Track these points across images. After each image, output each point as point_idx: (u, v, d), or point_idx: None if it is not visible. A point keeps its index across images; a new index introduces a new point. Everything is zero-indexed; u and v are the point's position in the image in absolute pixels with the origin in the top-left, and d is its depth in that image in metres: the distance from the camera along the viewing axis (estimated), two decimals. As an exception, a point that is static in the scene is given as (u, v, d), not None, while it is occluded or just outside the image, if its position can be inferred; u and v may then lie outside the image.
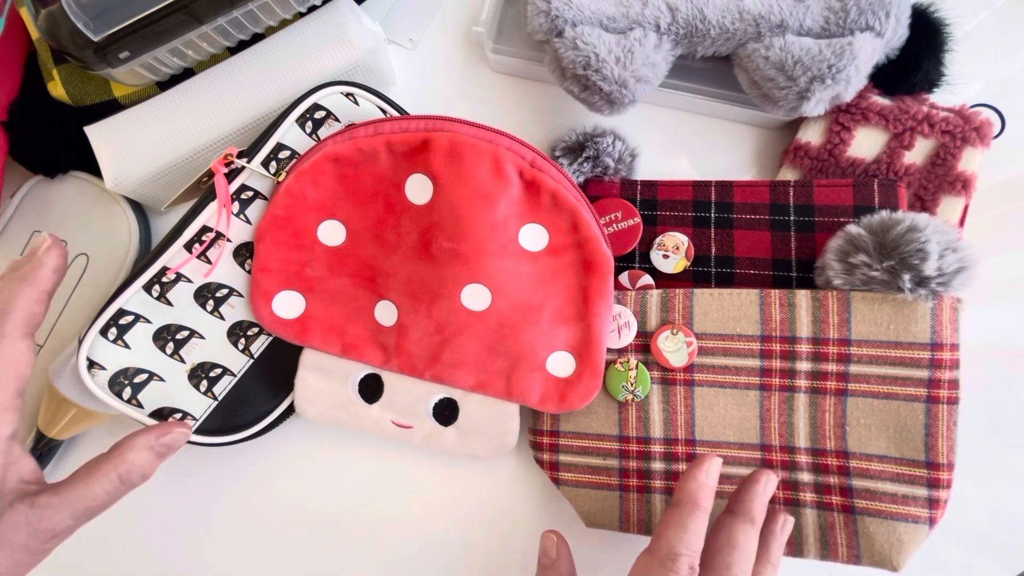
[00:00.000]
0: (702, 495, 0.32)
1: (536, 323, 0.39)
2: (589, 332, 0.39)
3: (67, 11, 0.36)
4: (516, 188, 0.37)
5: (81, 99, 0.45)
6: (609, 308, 0.40)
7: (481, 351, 0.40)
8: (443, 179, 0.37)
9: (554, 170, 0.38)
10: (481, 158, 0.36)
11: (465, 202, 0.37)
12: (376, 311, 0.41)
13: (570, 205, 0.38)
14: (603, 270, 0.39)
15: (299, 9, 0.42)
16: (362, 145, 0.38)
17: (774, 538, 0.36)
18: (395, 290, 0.40)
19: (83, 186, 0.47)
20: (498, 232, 0.38)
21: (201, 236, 0.40)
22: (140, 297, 0.40)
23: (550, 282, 0.39)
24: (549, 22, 0.42)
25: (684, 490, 0.33)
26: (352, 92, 0.41)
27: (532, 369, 0.40)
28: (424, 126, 0.37)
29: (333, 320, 0.41)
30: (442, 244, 0.38)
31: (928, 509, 0.37)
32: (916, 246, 0.35)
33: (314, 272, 0.41)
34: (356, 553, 0.45)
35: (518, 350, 0.40)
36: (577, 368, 0.40)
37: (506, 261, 0.38)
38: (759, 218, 0.42)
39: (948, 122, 0.42)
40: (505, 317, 0.39)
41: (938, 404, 0.36)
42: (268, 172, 0.40)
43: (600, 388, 0.40)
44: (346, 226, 0.40)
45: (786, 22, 0.41)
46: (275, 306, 0.41)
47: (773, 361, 0.39)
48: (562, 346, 0.40)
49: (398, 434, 0.42)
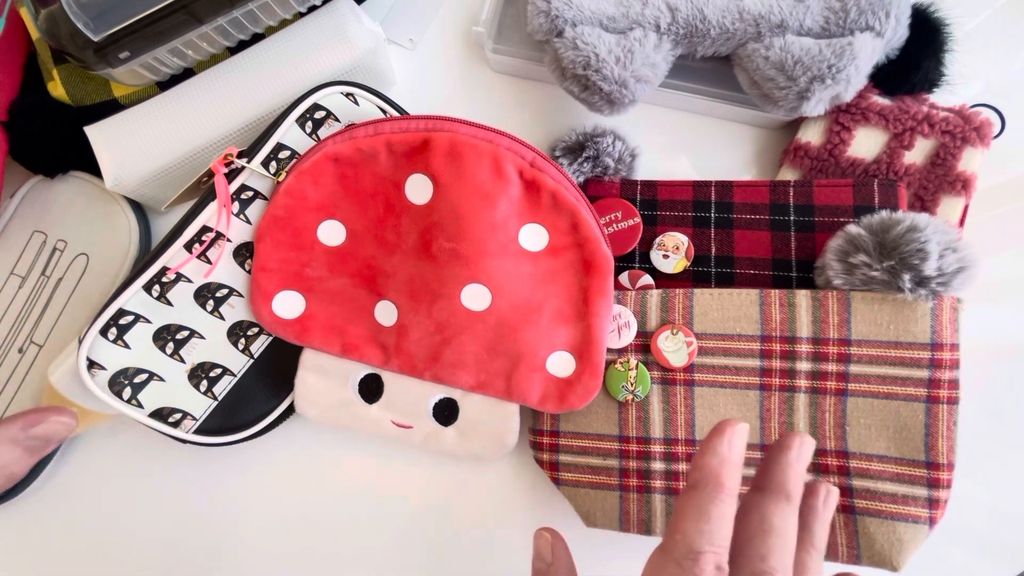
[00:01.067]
0: (725, 473, 0.25)
1: (536, 323, 0.39)
2: (589, 332, 0.39)
3: (67, 11, 0.36)
4: (516, 188, 0.37)
5: (81, 99, 0.45)
6: (609, 308, 0.40)
7: (481, 351, 0.40)
8: (443, 179, 0.37)
9: (554, 170, 0.38)
10: (481, 158, 0.36)
11: (465, 202, 0.37)
12: (376, 311, 0.41)
13: (570, 205, 0.38)
14: (603, 270, 0.39)
15: (299, 9, 0.42)
16: (362, 145, 0.38)
17: (816, 516, 0.28)
18: (395, 290, 0.40)
19: (83, 186, 0.47)
20: (498, 232, 0.38)
21: (201, 236, 0.40)
22: (140, 297, 0.40)
23: (550, 282, 0.39)
24: (549, 22, 0.42)
25: (703, 468, 0.26)
26: (352, 92, 0.41)
27: (532, 369, 0.40)
28: (424, 126, 0.37)
29: (333, 320, 0.41)
30: (442, 244, 0.38)
31: (928, 509, 0.37)
32: (916, 246, 0.35)
33: (314, 272, 0.41)
34: (356, 553, 0.45)
35: (518, 350, 0.39)
36: (577, 368, 0.40)
37: (506, 261, 0.38)
38: (759, 218, 0.42)
39: (948, 122, 0.42)
40: (505, 317, 0.39)
41: (938, 404, 0.36)
42: (268, 172, 0.40)
43: (600, 388, 0.40)
44: (346, 226, 0.40)
45: (786, 22, 0.41)
46: (275, 306, 0.41)
47: (773, 361, 0.39)
48: (562, 346, 0.40)
49: (398, 434, 0.42)
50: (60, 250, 0.46)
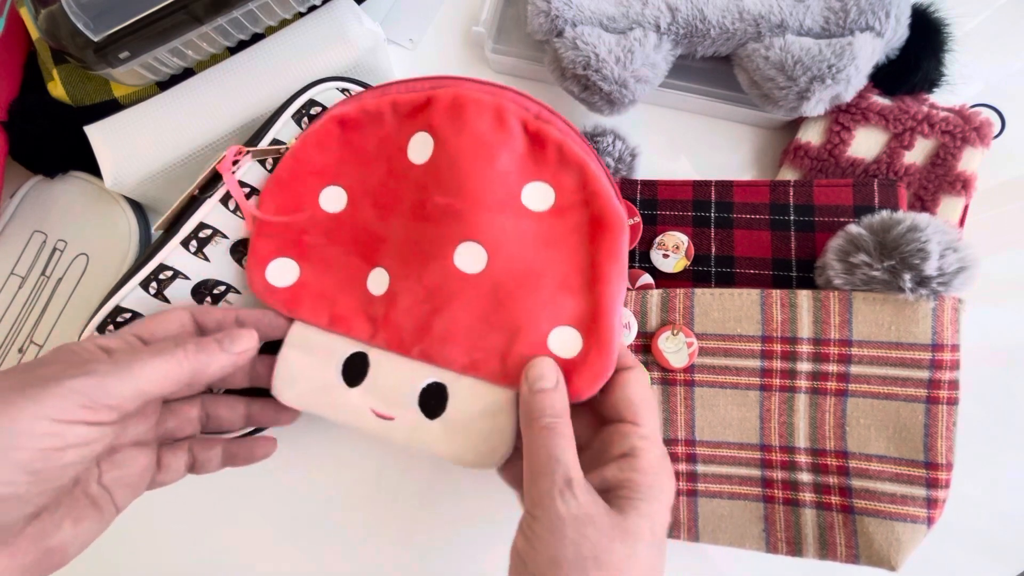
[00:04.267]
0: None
1: (536, 291, 0.35)
2: (599, 303, 0.34)
3: (67, 11, 0.36)
4: (519, 142, 0.35)
5: (81, 99, 0.45)
6: (622, 275, 0.35)
7: (474, 322, 0.36)
8: (443, 133, 0.35)
9: (560, 122, 0.36)
10: (483, 110, 0.35)
11: (463, 154, 0.35)
12: (369, 280, 0.39)
13: (577, 158, 0.35)
14: (615, 229, 0.35)
15: (299, 9, 0.42)
16: (368, 106, 0.37)
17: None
18: (388, 255, 0.38)
19: (83, 186, 0.47)
20: (497, 186, 0.35)
21: (198, 233, 0.40)
22: (137, 294, 0.40)
23: (554, 246, 0.36)
24: (549, 22, 0.42)
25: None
26: (348, 88, 0.41)
27: (531, 346, 0.35)
28: (430, 84, 0.36)
29: (324, 289, 0.39)
30: (437, 200, 0.35)
31: (927, 509, 0.37)
32: (917, 246, 0.35)
33: (312, 239, 0.39)
34: (356, 553, 0.45)
35: (515, 322, 0.35)
36: (584, 347, 0.34)
37: (505, 218, 0.35)
38: (759, 218, 0.42)
39: (948, 122, 0.42)
40: (502, 281, 0.35)
41: (938, 405, 0.36)
42: (265, 168, 0.40)
43: (611, 372, 0.34)
44: (348, 192, 0.39)
45: (786, 22, 0.41)
46: (269, 273, 0.39)
47: (774, 361, 0.39)
48: (567, 320, 0.35)
49: (378, 427, 0.37)
50: (60, 250, 0.46)
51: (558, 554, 0.28)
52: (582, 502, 0.29)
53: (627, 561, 0.28)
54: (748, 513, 0.39)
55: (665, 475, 0.31)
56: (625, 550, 0.28)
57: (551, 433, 0.31)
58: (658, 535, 0.30)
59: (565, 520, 0.28)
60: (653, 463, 0.31)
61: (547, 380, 0.33)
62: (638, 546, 0.28)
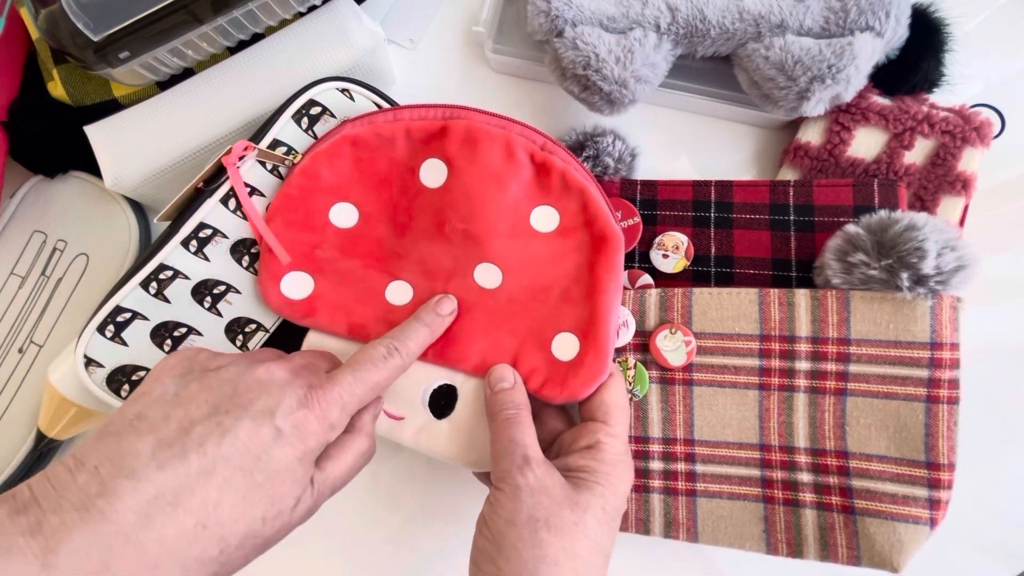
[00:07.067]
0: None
1: (544, 301, 0.39)
2: (596, 310, 0.38)
3: (67, 11, 0.36)
4: (527, 171, 0.39)
5: (81, 99, 0.45)
6: (618, 286, 0.39)
7: (490, 328, 0.39)
8: (457, 163, 0.38)
9: (563, 153, 0.39)
10: (494, 143, 0.38)
11: (478, 184, 0.38)
12: (387, 292, 0.41)
13: (579, 184, 0.38)
14: (612, 245, 0.38)
15: (299, 9, 0.42)
16: (382, 131, 0.39)
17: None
18: (409, 271, 0.41)
19: (83, 186, 0.47)
20: (509, 213, 0.39)
21: (198, 233, 0.40)
22: (137, 294, 0.40)
23: (560, 262, 0.39)
24: (549, 22, 0.42)
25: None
26: (348, 88, 0.41)
27: (536, 348, 0.39)
28: (442, 114, 0.39)
29: (341, 300, 0.41)
30: (455, 225, 0.39)
31: (929, 510, 0.36)
32: (914, 244, 0.35)
33: (324, 253, 0.41)
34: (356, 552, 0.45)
35: (525, 328, 0.39)
36: (581, 350, 0.38)
37: (517, 241, 0.39)
38: (759, 218, 0.42)
39: (948, 122, 0.42)
40: (515, 294, 0.39)
41: (938, 404, 0.36)
42: (266, 169, 0.41)
43: (606, 375, 0.37)
44: (359, 208, 0.41)
45: (786, 22, 0.41)
46: (283, 286, 0.40)
47: (772, 360, 0.39)
48: (567, 326, 0.39)
49: (387, 427, 0.40)
50: (60, 250, 0.46)
51: (514, 516, 0.32)
52: (539, 475, 0.33)
53: (574, 528, 0.31)
54: (748, 514, 0.39)
55: (624, 467, 0.35)
56: (574, 517, 0.32)
57: (511, 422, 0.35)
58: (609, 513, 0.33)
59: (523, 489, 0.32)
60: (614, 455, 0.34)
61: (506, 381, 0.37)
62: (586, 515, 0.32)
